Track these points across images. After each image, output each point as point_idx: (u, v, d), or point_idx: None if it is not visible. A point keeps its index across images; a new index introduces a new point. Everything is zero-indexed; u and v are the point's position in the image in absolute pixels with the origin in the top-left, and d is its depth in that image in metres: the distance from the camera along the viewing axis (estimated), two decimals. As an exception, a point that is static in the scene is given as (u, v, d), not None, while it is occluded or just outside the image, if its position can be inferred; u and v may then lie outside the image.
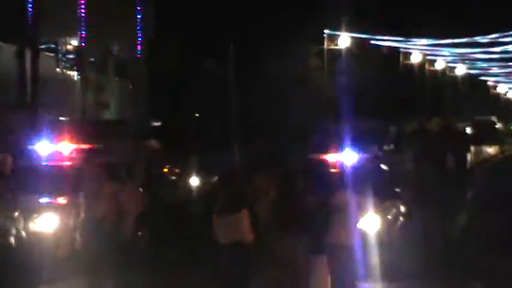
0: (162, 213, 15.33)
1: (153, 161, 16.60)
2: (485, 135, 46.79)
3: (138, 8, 36.69)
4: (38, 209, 13.56)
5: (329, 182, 12.98)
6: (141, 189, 13.82)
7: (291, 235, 10.77)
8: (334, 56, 45.82)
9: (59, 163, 16.62)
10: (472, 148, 39.15)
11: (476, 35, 53.21)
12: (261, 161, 14.98)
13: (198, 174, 20.22)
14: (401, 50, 55.74)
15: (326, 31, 44.81)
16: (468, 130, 45.94)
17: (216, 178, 19.21)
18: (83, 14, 31.90)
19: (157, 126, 31.08)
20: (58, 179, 14.31)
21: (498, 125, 52.99)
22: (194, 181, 20.12)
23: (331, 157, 17.51)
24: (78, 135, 18.94)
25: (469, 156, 34.33)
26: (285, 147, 21.23)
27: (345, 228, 11.02)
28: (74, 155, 17.33)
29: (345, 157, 18.47)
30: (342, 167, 15.95)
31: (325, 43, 44.97)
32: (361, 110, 44.17)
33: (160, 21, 34.63)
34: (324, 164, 15.78)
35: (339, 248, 10.76)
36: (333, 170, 14.82)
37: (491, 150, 45.42)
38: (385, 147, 27.40)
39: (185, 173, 20.34)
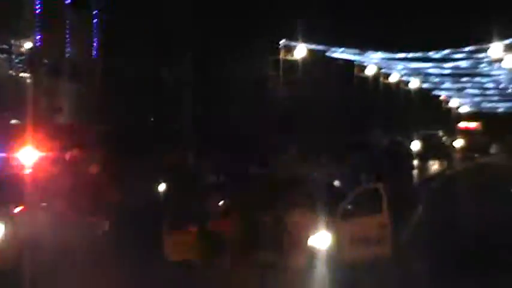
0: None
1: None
2: (432, 150, 46.52)
3: (94, 12, 36.49)
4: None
5: (281, 198, 12.91)
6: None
7: (249, 252, 10.73)
8: (290, 66, 45.94)
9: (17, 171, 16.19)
10: (418, 163, 38.96)
11: (430, 51, 53.98)
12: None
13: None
14: (356, 62, 56.20)
15: (282, 41, 44.94)
16: (416, 144, 45.85)
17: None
18: (38, 17, 31.58)
19: (106, 130, 30.70)
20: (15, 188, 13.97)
21: (444, 140, 53.25)
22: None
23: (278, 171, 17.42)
24: (38, 141, 18.30)
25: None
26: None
27: (295, 248, 10.98)
28: (36, 162, 16.77)
29: (295, 172, 18.38)
30: (293, 182, 15.92)
31: (282, 53, 45.07)
32: (314, 122, 44.46)
33: (114, 25, 34.39)
34: (276, 180, 15.74)
35: (289, 268, 10.74)
36: (283, 186, 14.74)
37: (437, 166, 45.02)
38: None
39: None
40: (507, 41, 47.83)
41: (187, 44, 34.57)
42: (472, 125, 68.86)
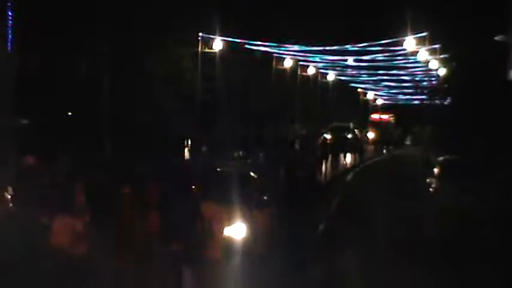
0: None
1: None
2: (344, 142, 44.91)
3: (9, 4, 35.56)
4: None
5: (197, 191, 12.85)
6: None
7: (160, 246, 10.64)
8: (208, 59, 45.84)
9: None
10: (330, 157, 37.59)
11: (347, 44, 54.72)
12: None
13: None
14: (274, 55, 56.49)
15: (200, 34, 44.79)
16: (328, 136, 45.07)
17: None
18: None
19: (23, 126, 29.99)
20: None
21: (357, 132, 53.37)
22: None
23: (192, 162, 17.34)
24: None
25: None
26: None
27: (212, 240, 10.96)
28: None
29: (208, 163, 18.30)
30: (206, 173, 15.93)
31: (200, 46, 44.91)
32: (229, 115, 44.60)
33: (28, 19, 33.58)
34: (187, 171, 15.68)
35: (206, 260, 10.72)
36: (197, 177, 14.69)
37: (348, 159, 43.69)
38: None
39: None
40: (421, 34, 48.83)
41: (102, 36, 34.10)
42: (385, 116, 69.67)
